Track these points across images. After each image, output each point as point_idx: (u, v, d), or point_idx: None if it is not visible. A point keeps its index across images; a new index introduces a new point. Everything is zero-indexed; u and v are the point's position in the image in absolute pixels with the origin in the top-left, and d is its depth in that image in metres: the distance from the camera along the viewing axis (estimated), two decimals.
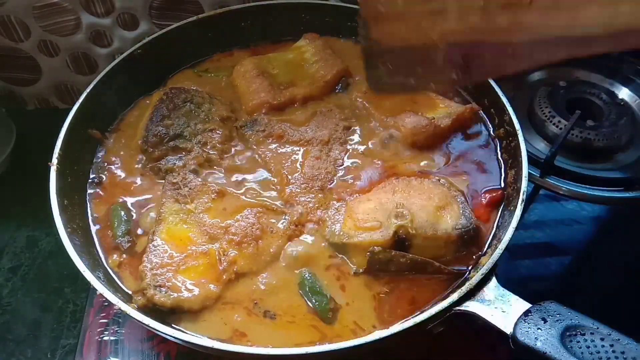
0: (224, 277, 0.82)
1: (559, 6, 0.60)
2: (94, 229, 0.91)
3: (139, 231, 0.90)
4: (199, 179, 0.94)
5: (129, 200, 0.94)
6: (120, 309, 0.74)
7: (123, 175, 0.98)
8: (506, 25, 0.62)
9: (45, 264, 1.04)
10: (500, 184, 0.94)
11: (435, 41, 0.66)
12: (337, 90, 1.11)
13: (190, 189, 0.92)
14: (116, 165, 0.99)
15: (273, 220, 0.89)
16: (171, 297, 0.79)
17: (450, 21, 0.65)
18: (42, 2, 1.15)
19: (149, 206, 0.93)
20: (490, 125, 1.02)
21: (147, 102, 1.08)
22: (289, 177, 0.94)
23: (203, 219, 0.88)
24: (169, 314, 0.79)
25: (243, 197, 0.93)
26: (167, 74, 1.15)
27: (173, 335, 0.72)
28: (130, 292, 0.83)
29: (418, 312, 0.78)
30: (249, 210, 0.89)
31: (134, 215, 0.92)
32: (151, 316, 0.75)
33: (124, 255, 0.87)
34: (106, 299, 0.74)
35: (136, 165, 0.98)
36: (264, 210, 0.90)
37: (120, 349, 0.90)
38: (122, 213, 0.91)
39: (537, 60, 0.65)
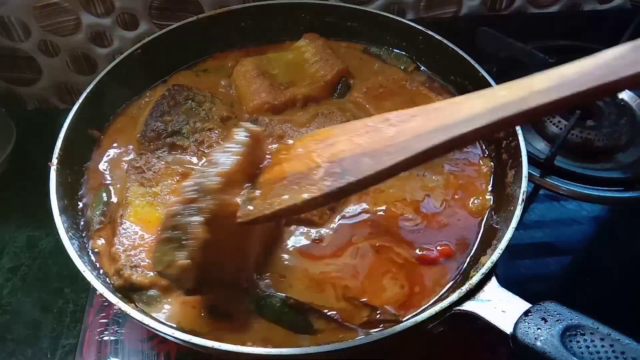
0: None
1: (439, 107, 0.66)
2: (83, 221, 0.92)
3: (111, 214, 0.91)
4: (162, 163, 0.95)
5: (113, 185, 0.96)
6: (120, 309, 0.74)
7: (119, 169, 0.98)
8: (392, 134, 0.66)
9: (45, 264, 1.04)
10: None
11: (319, 163, 0.70)
12: (337, 91, 1.11)
13: (154, 172, 0.93)
14: (115, 160, 1.00)
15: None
16: (148, 276, 0.80)
17: (340, 145, 0.69)
18: (42, 2, 1.15)
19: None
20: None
21: (143, 101, 1.09)
22: None
23: (170, 200, 0.88)
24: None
25: None
26: (167, 74, 1.15)
27: (173, 335, 0.72)
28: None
29: None
30: None
31: (114, 198, 0.93)
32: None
33: (102, 239, 0.88)
34: (106, 299, 0.74)
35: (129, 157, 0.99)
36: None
37: (120, 349, 0.90)
38: (104, 194, 0.93)
39: (414, 149, 0.65)
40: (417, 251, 0.87)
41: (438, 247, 0.88)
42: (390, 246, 0.87)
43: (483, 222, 0.92)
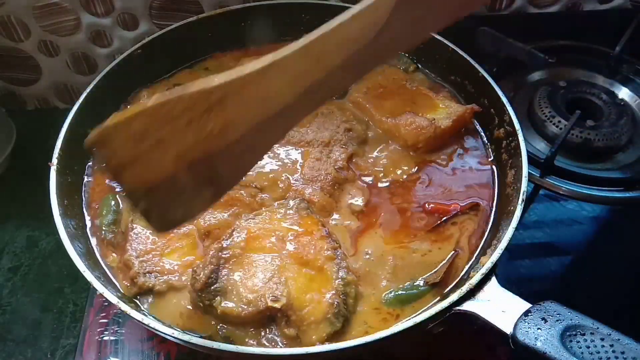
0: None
1: (246, 93, 0.60)
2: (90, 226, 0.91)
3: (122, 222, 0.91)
4: None
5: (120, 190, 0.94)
6: (120, 309, 0.74)
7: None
8: (220, 129, 0.62)
9: (45, 264, 1.04)
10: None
11: (173, 169, 0.65)
12: None
13: None
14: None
15: (248, 198, 0.91)
16: (161, 280, 0.80)
17: (173, 146, 0.63)
18: (42, 2, 1.15)
19: None
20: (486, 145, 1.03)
21: (143, 101, 1.08)
22: (290, 177, 0.94)
23: None
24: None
25: None
26: (167, 73, 1.15)
27: (173, 335, 0.72)
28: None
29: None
30: None
31: (122, 205, 0.93)
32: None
33: (110, 246, 0.88)
34: (106, 299, 0.74)
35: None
36: (237, 188, 0.90)
37: (120, 349, 0.90)
38: (112, 202, 0.92)
39: (263, 147, 0.65)
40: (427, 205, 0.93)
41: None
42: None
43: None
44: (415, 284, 0.83)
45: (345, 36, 0.55)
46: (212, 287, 0.77)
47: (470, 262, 0.86)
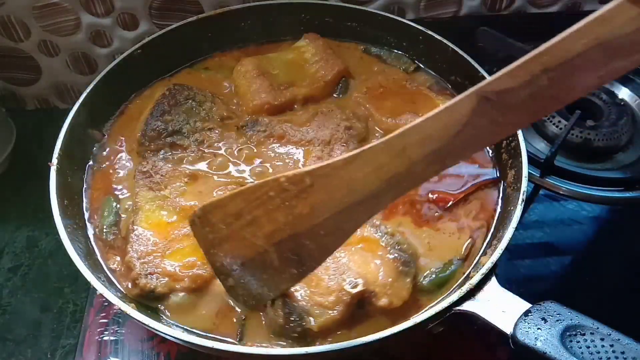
0: None
1: (333, 181, 0.63)
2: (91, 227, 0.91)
3: (123, 223, 0.90)
4: (169, 165, 0.94)
5: (122, 193, 0.94)
6: (120, 309, 0.74)
7: (120, 169, 0.99)
8: (307, 211, 0.66)
9: (45, 264, 1.04)
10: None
11: (263, 246, 0.70)
12: (337, 91, 1.11)
13: (162, 175, 0.92)
14: (115, 159, 1.00)
15: None
16: (162, 282, 0.80)
17: (264, 225, 0.69)
18: (42, 2, 1.15)
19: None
20: None
21: (144, 101, 1.08)
22: None
23: (180, 203, 0.88)
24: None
25: (215, 177, 0.94)
26: (166, 73, 1.15)
27: (173, 335, 0.72)
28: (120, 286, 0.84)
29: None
30: (224, 188, 0.91)
31: (125, 207, 0.92)
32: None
33: (111, 249, 0.88)
34: (106, 299, 0.74)
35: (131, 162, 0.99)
36: (237, 186, 0.90)
37: (120, 349, 0.90)
38: (114, 204, 0.92)
39: (347, 230, 0.68)
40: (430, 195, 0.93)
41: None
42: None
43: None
44: (445, 264, 0.85)
45: (426, 133, 0.58)
46: (294, 316, 0.76)
47: (487, 239, 0.88)
